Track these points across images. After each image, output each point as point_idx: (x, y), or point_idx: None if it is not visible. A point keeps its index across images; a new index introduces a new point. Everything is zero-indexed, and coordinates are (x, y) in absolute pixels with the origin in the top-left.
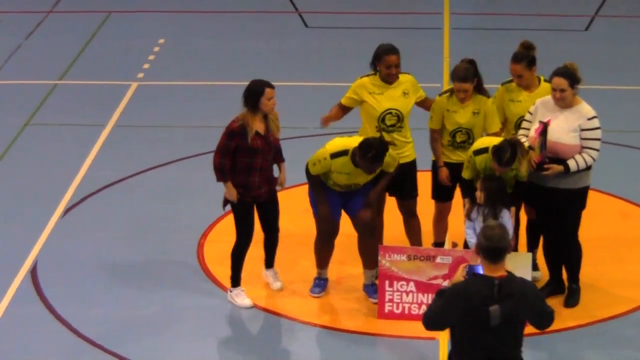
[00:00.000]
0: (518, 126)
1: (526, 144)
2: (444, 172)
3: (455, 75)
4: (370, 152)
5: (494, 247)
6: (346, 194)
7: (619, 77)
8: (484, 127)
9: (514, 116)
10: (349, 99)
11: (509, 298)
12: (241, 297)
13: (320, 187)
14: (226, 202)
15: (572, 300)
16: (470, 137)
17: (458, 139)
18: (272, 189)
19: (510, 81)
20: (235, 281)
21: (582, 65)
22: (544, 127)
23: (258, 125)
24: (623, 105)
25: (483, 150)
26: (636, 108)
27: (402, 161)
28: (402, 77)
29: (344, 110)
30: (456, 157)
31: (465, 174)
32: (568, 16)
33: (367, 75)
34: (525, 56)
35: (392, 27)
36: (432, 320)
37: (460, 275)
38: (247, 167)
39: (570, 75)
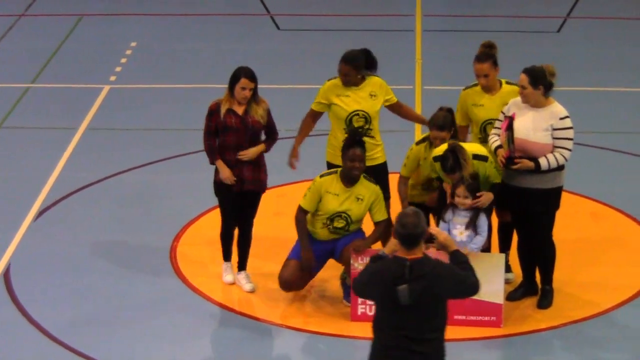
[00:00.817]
0: (484, 129)
1: (497, 143)
2: None
3: (434, 123)
4: (348, 138)
5: (408, 234)
6: (332, 243)
7: (591, 79)
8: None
9: (479, 120)
10: (318, 105)
11: (420, 278)
12: (225, 273)
13: (305, 231)
14: (215, 186)
15: (545, 301)
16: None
17: (435, 184)
18: (256, 179)
19: (473, 85)
20: (224, 256)
21: (554, 66)
22: (510, 121)
23: (236, 106)
24: (594, 106)
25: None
26: (608, 109)
27: (372, 164)
28: (369, 79)
29: (315, 117)
30: (427, 196)
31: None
32: (540, 17)
33: (335, 78)
34: (490, 55)
35: (364, 29)
36: (357, 290)
37: (393, 244)
38: (222, 145)
39: (533, 74)
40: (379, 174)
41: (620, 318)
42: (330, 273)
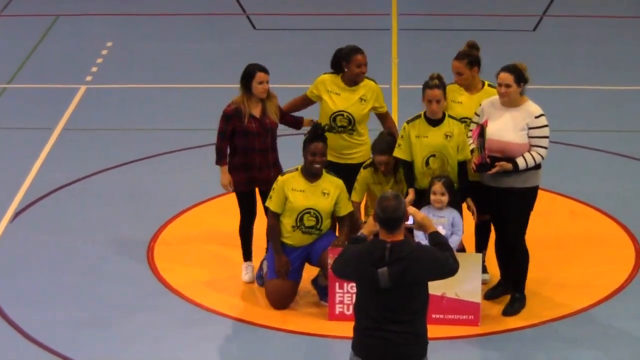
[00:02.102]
0: None
1: (471, 147)
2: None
3: (375, 148)
4: (310, 132)
5: (388, 218)
6: (307, 248)
7: (567, 77)
8: None
9: (456, 116)
10: (310, 92)
11: (400, 261)
12: (244, 272)
13: (277, 236)
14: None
15: (510, 309)
16: None
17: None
18: (278, 175)
19: (453, 82)
20: (244, 256)
21: (530, 65)
22: (481, 129)
23: (254, 108)
24: (571, 104)
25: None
26: (584, 107)
27: (350, 162)
28: (366, 81)
29: (305, 100)
30: None
31: (399, 153)
32: (516, 16)
33: (331, 73)
34: (467, 55)
35: (340, 28)
36: (337, 272)
37: (371, 225)
38: (245, 148)
39: (516, 72)
40: (354, 174)
41: (596, 317)
42: (308, 273)
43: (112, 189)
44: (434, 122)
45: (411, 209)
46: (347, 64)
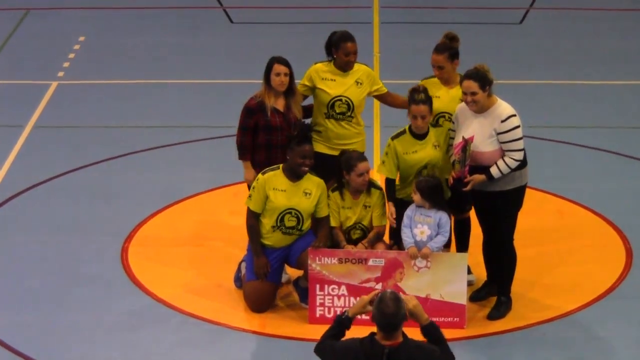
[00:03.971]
0: (437, 122)
1: (452, 158)
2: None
3: (354, 157)
4: (294, 135)
5: (388, 323)
6: (286, 249)
7: (554, 71)
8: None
9: (433, 111)
10: (302, 87)
11: None
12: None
13: (257, 237)
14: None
15: (496, 313)
16: (365, 232)
17: (353, 236)
18: None
19: (431, 77)
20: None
21: (517, 59)
22: (465, 144)
23: (277, 102)
24: (557, 99)
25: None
26: (571, 102)
27: None
28: (357, 66)
29: (302, 98)
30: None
31: (382, 170)
32: (502, 9)
33: (322, 62)
34: (447, 47)
35: (321, 21)
36: (321, 354)
37: (360, 306)
38: (267, 143)
39: (480, 78)
40: None
41: (586, 319)
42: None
43: (85, 188)
44: (420, 136)
45: (406, 297)
46: (336, 51)
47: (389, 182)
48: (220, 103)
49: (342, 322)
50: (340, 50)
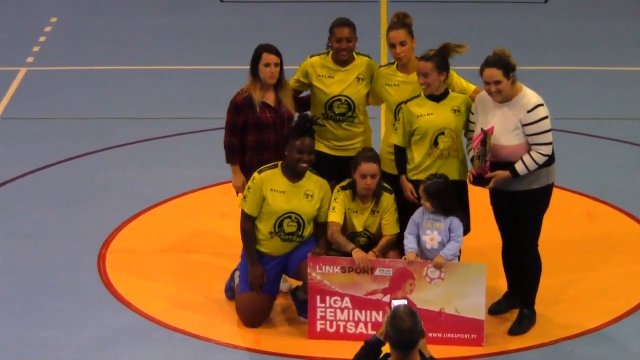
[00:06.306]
0: (397, 113)
1: (471, 154)
2: None
3: (361, 156)
4: (296, 126)
5: (403, 340)
6: (284, 258)
7: (582, 56)
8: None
9: (392, 102)
10: (296, 82)
11: None
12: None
13: (252, 243)
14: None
15: (518, 327)
16: (370, 239)
17: (357, 243)
18: None
19: (389, 64)
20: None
21: (541, 41)
22: (485, 136)
23: (266, 96)
24: (586, 87)
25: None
26: (601, 90)
27: (350, 155)
28: (358, 59)
29: (295, 93)
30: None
31: (394, 138)
32: None
33: (318, 55)
34: (404, 23)
35: (322, 0)
36: None
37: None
38: (257, 144)
39: (503, 64)
40: None
41: (616, 335)
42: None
43: (58, 188)
44: (437, 97)
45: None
46: (330, 38)
47: (400, 152)
48: (209, 91)
49: (372, 346)
50: (332, 37)
